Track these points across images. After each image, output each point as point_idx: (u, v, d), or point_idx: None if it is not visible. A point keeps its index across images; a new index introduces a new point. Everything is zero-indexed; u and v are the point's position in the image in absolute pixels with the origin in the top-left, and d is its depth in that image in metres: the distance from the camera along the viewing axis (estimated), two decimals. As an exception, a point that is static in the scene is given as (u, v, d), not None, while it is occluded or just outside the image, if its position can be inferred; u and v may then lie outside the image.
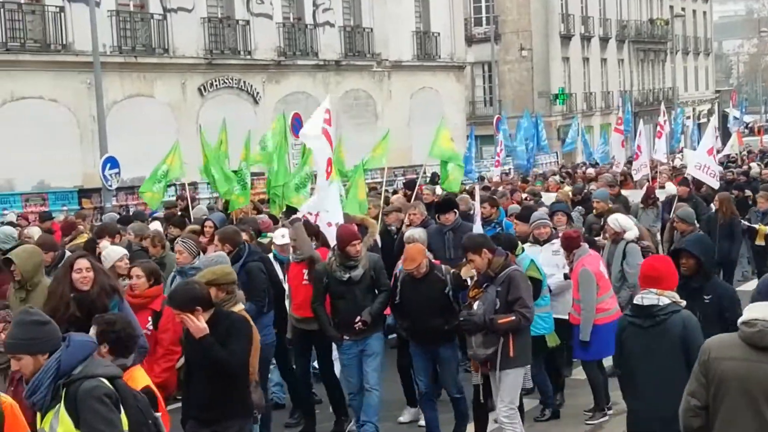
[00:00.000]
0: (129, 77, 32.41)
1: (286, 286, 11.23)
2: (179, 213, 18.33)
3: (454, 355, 10.15)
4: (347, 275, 9.95)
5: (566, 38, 57.70)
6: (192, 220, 16.45)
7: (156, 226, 15.00)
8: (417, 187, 17.78)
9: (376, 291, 10.14)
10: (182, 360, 8.28)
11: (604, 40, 62.63)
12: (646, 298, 6.92)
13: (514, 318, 8.85)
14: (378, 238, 13.41)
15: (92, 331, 6.25)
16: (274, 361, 11.06)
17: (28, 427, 5.81)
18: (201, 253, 11.00)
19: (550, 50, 56.06)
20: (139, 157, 26.74)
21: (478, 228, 11.98)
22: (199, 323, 7.13)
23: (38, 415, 5.50)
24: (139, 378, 6.31)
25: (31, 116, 28.84)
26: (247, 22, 36.43)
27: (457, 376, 10.21)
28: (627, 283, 11.79)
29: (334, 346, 10.72)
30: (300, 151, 20.65)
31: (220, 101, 34.37)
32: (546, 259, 11.22)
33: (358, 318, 9.86)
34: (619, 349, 7.21)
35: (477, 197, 13.53)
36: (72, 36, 30.28)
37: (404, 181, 25.60)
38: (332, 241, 10.89)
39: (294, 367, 11.28)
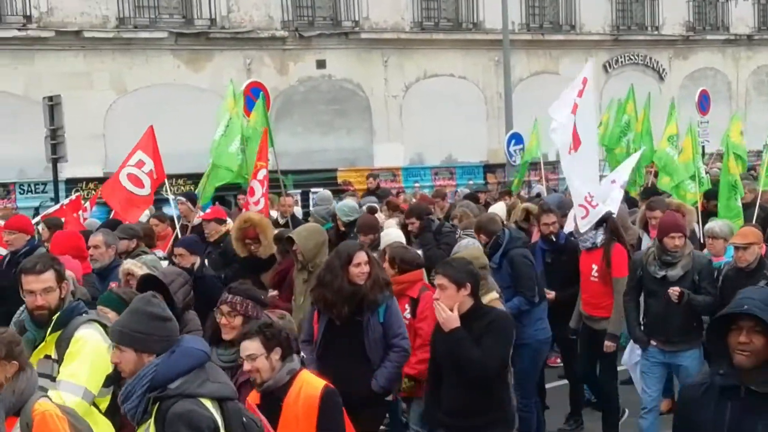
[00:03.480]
0: (535, 54, 32.96)
1: None
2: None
3: None
4: (662, 273, 8.53)
5: None
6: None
7: (500, 208, 14.13)
8: None
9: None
10: None
11: None
12: None
13: None
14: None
15: (248, 345, 5.42)
16: None
17: None
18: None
19: None
20: (540, 134, 27.07)
21: None
22: (450, 312, 6.36)
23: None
24: (312, 379, 5.66)
25: (442, 93, 30.17)
26: (656, -4, 35.67)
27: None
28: None
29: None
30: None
31: (623, 78, 33.80)
32: None
33: None
34: None
35: None
36: (483, 14, 31.23)
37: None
38: (612, 200, 10.46)
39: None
